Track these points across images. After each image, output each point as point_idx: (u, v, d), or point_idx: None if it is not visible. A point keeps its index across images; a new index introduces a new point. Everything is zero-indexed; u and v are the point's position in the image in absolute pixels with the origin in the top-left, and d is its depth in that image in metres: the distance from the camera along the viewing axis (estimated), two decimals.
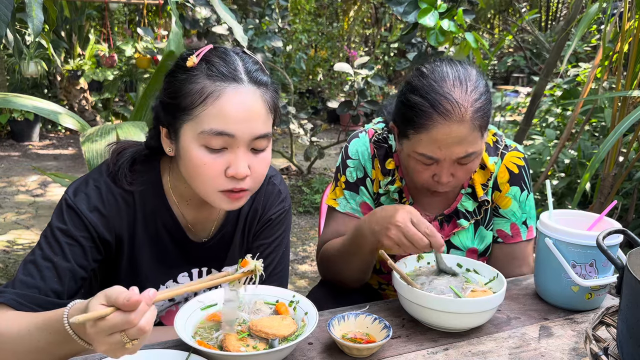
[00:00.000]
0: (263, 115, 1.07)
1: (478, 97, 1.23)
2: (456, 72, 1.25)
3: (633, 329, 0.87)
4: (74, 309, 0.88)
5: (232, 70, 1.05)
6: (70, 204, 1.11)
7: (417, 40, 3.67)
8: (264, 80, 1.09)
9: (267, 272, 1.27)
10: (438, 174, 1.29)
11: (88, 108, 7.19)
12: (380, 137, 1.48)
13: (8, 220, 4.27)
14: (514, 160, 1.44)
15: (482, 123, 1.24)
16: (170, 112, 1.08)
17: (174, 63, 1.15)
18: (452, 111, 1.20)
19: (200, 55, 1.08)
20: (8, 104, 2.41)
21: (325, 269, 1.49)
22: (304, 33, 7.78)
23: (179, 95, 1.06)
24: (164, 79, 1.14)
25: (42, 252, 1.08)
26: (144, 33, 5.23)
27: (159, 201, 1.19)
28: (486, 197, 1.43)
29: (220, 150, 1.05)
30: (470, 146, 1.24)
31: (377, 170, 1.47)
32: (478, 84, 1.25)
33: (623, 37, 2.63)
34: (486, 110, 1.25)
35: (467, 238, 1.46)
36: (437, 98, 1.22)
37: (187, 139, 1.06)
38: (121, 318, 0.78)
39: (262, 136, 1.07)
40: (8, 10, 1.43)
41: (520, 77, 10.24)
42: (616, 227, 1.15)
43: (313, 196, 4.97)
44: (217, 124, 1.02)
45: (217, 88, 1.03)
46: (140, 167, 1.18)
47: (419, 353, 1.07)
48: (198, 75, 1.05)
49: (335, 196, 1.50)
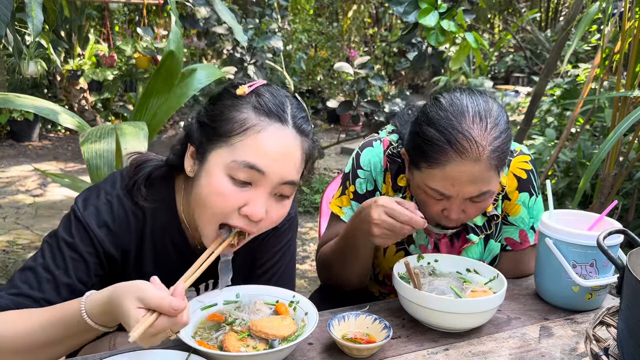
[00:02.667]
0: (297, 162, 1.05)
1: (498, 136, 1.16)
2: (476, 107, 1.18)
3: (633, 329, 0.87)
4: (90, 302, 0.92)
5: (279, 109, 1.03)
6: (79, 217, 1.09)
7: (417, 40, 3.67)
8: (307, 130, 1.08)
9: (273, 280, 1.26)
10: (448, 209, 1.23)
11: (88, 108, 7.18)
12: (395, 150, 1.41)
13: (8, 220, 4.27)
14: (520, 166, 1.40)
15: (499, 163, 1.18)
16: (205, 133, 1.06)
17: (222, 87, 1.13)
18: (469, 150, 1.14)
19: (253, 87, 1.06)
20: (8, 104, 2.40)
21: (324, 273, 1.48)
22: (304, 33, 7.78)
23: (220, 120, 1.04)
24: (208, 101, 1.12)
25: (44, 262, 1.06)
26: (144, 33, 5.23)
27: (170, 218, 1.16)
28: (495, 212, 1.39)
29: (243, 185, 1.01)
30: (485, 185, 1.18)
31: (388, 185, 1.42)
32: (499, 121, 1.18)
33: (623, 37, 2.63)
34: (504, 150, 1.18)
35: (476, 253, 1.42)
36: (454, 134, 1.15)
37: (214, 164, 1.02)
38: (169, 322, 0.84)
39: (291, 182, 1.04)
40: (8, 10, 1.43)
41: (520, 77, 10.24)
42: (616, 227, 1.15)
43: (313, 196, 4.97)
44: (250, 156, 1.00)
45: (261, 122, 1.01)
46: (156, 183, 1.15)
47: (419, 353, 1.07)
48: (245, 105, 1.03)
49: (342, 204, 1.45)
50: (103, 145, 2.11)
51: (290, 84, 5.24)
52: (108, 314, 0.91)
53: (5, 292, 1.03)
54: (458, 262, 1.31)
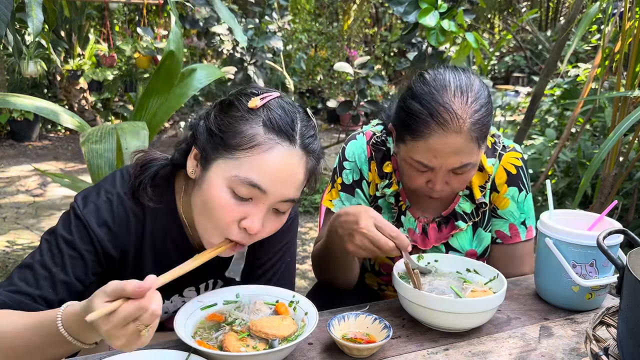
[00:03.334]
0: (300, 181, 1.05)
1: (478, 109, 1.22)
2: (458, 81, 1.23)
3: (633, 329, 0.87)
4: (67, 312, 0.88)
5: (289, 128, 1.02)
6: (78, 215, 1.08)
7: (417, 40, 3.67)
8: (314, 149, 1.07)
9: (272, 280, 1.26)
10: (432, 181, 1.28)
11: (88, 108, 7.19)
12: (379, 139, 1.47)
13: (8, 220, 4.27)
14: (511, 161, 1.44)
15: (480, 135, 1.23)
16: (211, 140, 1.04)
17: (234, 95, 1.09)
18: (450, 122, 1.19)
19: (265, 100, 1.04)
20: (8, 104, 2.40)
21: (316, 271, 1.49)
22: (304, 33, 7.78)
23: (228, 131, 1.02)
24: (217, 105, 1.09)
25: (42, 259, 1.05)
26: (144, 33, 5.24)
27: (171, 218, 1.15)
28: (484, 199, 1.43)
29: (244, 200, 1.01)
30: (466, 157, 1.23)
31: (373, 173, 1.46)
32: (479, 95, 1.23)
33: (623, 37, 2.63)
34: (485, 123, 1.23)
35: (465, 240, 1.45)
36: (436, 107, 1.20)
37: (216, 174, 1.02)
38: (133, 306, 0.80)
39: (290, 200, 1.05)
40: (8, 10, 1.43)
41: (520, 77, 10.24)
42: (616, 227, 1.15)
43: (313, 196, 4.97)
44: (254, 174, 0.99)
45: (269, 141, 1.00)
46: (159, 183, 1.14)
47: (419, 353, 1.07)
48: (255, 120, 1.01)
49: (332, 197, 1.49)
50: (104, 145, 2.11)
51: (290, 84, 5.24)
52: (84, 324, 0.85)
53: (3, 289, 1.02)
54: (458, 262, 1.32)
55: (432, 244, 1.45)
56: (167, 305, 1.24)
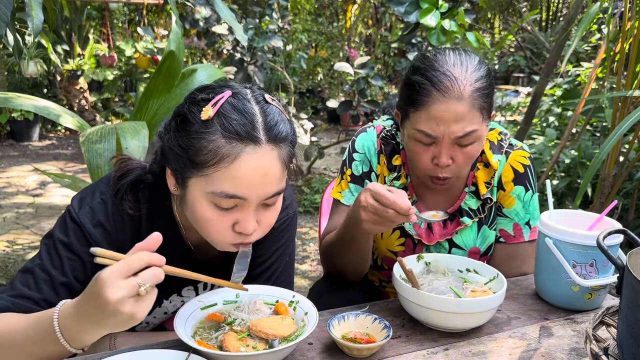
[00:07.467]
0: (278, 176, 1.02)
1: (478, 78, 1.25)
2: (458, 56, 1.28)
3: (633, 329, 0.87)
4: (63, 309, 0.89)
5: (249, 130, 0.98)
6: (74, 218, 1.09)
7: (418, 40, 3.67)
8: (284, 135, 1.02)
9: (271, 280, 1.26)
10: (437, 156, 1.28)
11: (88, 108, 7.19)
12: (389, 133, 1.50)
13: (8, 220, 4.27)
14: (519, 160, 1.44)
15: (483, 104, 1.25)
16: (180, 161, 1.02)
17: (185, 106, 1.04)
18: (450, 88, 1.22)
19: (217, 107, 0.99)
20: (8, 104, 2.40)
21: (327, 260, 1.50)
22: (304, 33, 7.78)
23: (190, 149, 0.99)
24: (172, 121, 1.05)
25: (41, 263, 1.07)
26: (144, 33, 5.24)
27: (167, 220, 1.16)
28: (489, 195, 1.43)
29: (229, 209, 1.01)
30: (469, 125, 1.24)
31: (382, 166, 1.48)
32: (479, 67, 1.27)
33: (623, 37, 2.63)
34: (487, 92, 1.26)
35: (469, 237, 1.46)
36: (436, 75, 1.24)
37: (195, 192, 1.02)
38: (140, 255, 0.84)
39: (276, 194, 1.04)
40: (8, 10, 1.43)
41: (520, 77, 10.24)
42: (616, 227, 1.15)
43: (313, 196, 4.97)
44: (229, 187, 0.98)
45: (233, 150, 0.97)
46: (147, 191, 1.14)
47: (419, 353, 1.07)
48: (212, 132, 0.97)
49: (341, 189, 1.51)
50: (104, 145, 2.11)
51: (290, 84, 5.24)
52: (81, 313, 0.86)
53: (6, 294, 1.04)
54: (458, 262, 1.31)
55: (437, 239, 1.46)
56: (167, 305, 1.24)
